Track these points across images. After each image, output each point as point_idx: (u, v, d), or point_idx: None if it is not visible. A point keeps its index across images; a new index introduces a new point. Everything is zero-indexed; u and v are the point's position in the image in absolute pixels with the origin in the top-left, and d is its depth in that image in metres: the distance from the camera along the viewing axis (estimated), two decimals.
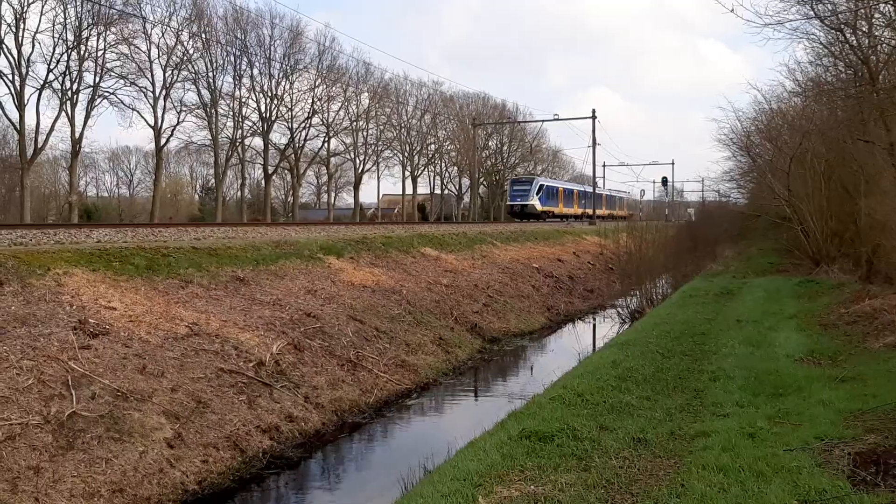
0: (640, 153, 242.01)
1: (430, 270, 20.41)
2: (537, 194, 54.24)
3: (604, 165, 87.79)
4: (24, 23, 43.09)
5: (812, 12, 15.33)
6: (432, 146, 77.82)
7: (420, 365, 13.91)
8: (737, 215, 40.64)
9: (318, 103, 61.76)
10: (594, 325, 22.85)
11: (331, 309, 14.23)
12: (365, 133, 69.08)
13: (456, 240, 25.73)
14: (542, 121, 79.81)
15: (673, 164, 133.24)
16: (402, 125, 73.40)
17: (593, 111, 53.99)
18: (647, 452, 6.46)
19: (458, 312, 17.97)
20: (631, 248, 25.25)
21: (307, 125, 61.46)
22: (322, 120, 62.87)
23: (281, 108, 59.00)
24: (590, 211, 63.77)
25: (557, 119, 58.79)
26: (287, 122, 60.16)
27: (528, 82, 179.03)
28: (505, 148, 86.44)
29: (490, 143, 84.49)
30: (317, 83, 60.90)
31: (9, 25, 42.54)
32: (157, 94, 50.72)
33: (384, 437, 10.94)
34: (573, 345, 18.08)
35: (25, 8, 42.89)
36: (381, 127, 71.41)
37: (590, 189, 65.85)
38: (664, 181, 79.58)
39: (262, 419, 9.66)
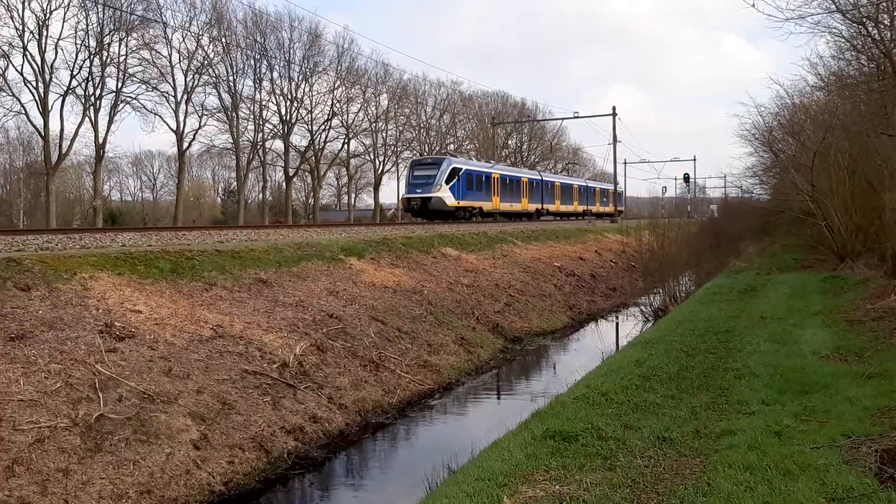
0: (661, 150, 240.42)
1: (451, 270, 20.42)
2: (448, 182, 37.61)
3: (625, 163, 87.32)
4: (47, 29, 43.90)
5: (833, 6, 15.23)
6: (451, 146, 77.95)
7: (442, 365, 13.92)
8: (760, 211, 40.31)
9: (338, 105, 62.24)
10: (617, 324, 22.76)
11: (353, 310, 14.28)
12: (384, 134, 69.42)
13: (476, 239, 25.72)
14: (562, 119, 79.69)
15: (695, 160, 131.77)
16: (422, 125, 73.60)
17: (613, 108, 53.81)
18: (672, 451, 6.43)
19: (479, 312, 17.97)
20: (653, 246, 25.12)
21: (327, 127, 61.93)
22: (342, 122, 63.31)
23: (301, 111, 59.50)
24: (552, 207, 52.84)
25: (577, 117, 58.50)
26: (307, 125, 60.65)
27: (546, 80, 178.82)
28: (525, 146, 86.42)
29: (510, 142, 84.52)
30: (336, 85, 61.35)
31: (31, 32, 43.24)
32: (179, 98, 51.35)
33: (407, 438, 10.97)
34: (596, 343, 18.03)
35: (48, 15, 43.63)
36: (401, 128, 71.73)
37: (552, 179, 55.64)
38: (686, 178, 79.16)
39: (286, 420, 9.73)
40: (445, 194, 37.25)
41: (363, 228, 25.77)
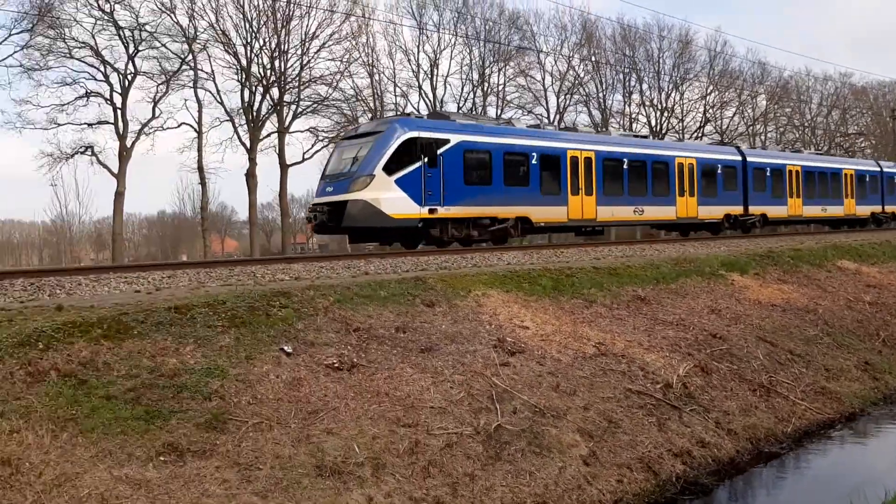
0: None
1: (849, 286, 18.36)
2: (396, 171, 18.84)
3: None
4: (437, 68, 49.32)
5: None
6: (842, 145, 70.46)
7: (843, 392, 12.54)
8: None
9: (711, 111, 59.90)
10: None
11: (737, 330, 13.55)
12: (763, 137, 65.20)
13: (878, 249, 22.80)
14: None
15: None
16: (806, 124, 67.68)
17: None
18: None
19: (885, 333, 15.85)
20: None
21: (700, 134, 59.98)
22: (715, 127, 60.86)
23: (671, 120, 58.47)
24: (777, 211, 31.21)
25: None
26: (678, 134, 59.34)
27: None
28: None
29: None
30: (708, 90, 59.16)
31: (425, 72, 48.94)
32: (552, 119, 53.69)
33: (806, 471, 10.04)
34: None
35: (438, 55, 49.06)
36: (782, 128, 66.76)
37: (770, 160, 31.46)
38: None
39: (672, 443, 9.52)
40: (382, 194, 18.52)
41: (744, 241, 24.32)
